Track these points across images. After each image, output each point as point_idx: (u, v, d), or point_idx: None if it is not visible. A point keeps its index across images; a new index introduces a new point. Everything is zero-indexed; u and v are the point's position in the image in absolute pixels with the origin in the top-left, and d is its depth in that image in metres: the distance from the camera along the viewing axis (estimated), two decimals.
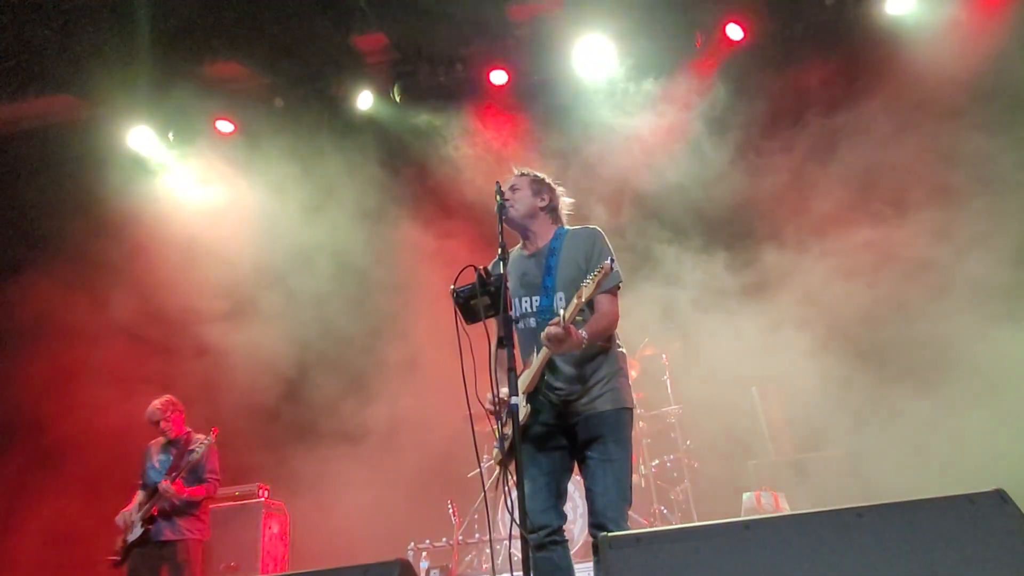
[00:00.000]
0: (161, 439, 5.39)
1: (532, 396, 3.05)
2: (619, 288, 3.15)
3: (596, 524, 2.88)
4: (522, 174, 3.39)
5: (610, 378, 3.06)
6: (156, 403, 5.41)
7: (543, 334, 2.82)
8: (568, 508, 3.15)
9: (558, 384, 3.05)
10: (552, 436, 3.07)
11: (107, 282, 7.49)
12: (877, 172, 6.90)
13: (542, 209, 3.30)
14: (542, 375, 3.05)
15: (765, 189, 7.13)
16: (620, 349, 3.20)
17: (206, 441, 5.19)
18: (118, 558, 5.07)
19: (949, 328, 5.87)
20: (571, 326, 2.79)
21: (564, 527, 3.05)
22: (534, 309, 3.13)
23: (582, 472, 3.05)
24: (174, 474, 5.08)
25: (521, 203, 3.26)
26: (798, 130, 7.14)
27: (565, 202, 3.42)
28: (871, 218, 6.76)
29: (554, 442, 3.08)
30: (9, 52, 6.70)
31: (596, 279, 2.78)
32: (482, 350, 2.96)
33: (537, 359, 3.02)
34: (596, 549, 2.85)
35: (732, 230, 7.34)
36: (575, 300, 2.83)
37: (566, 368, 3.05)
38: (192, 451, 5.16)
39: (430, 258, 7.34)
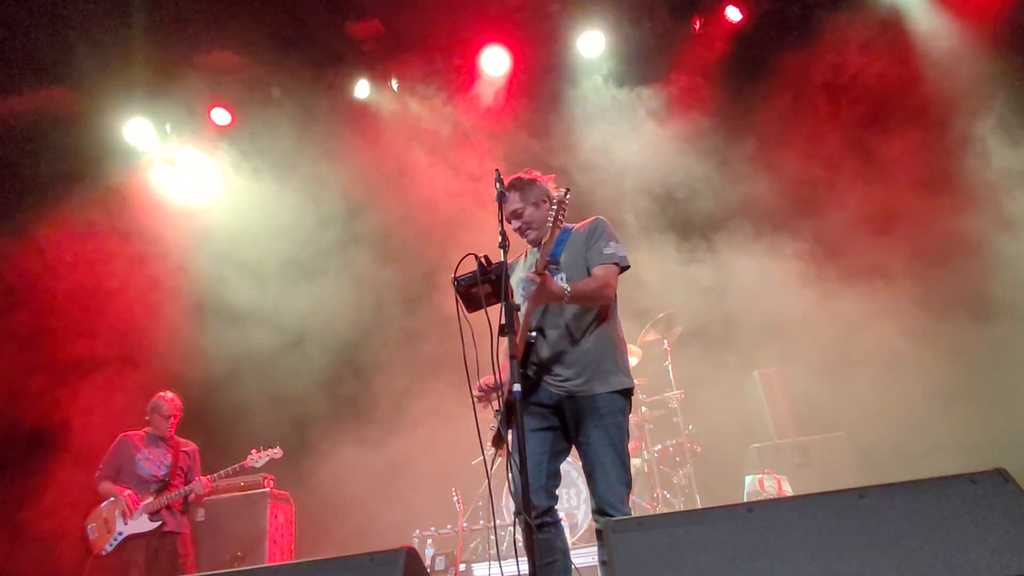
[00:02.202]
0: (143, 432, 5.44)
1: (522, 365, 3.02)
2: (620, 267, 3.13)
3: (597, 510, 2.89)
4: (518, 189, 3.25)
5: (606, 360, 3.05)
6: (174, 399, 5.50)
7: (528, 276, 2.79)
8: (572, 493, 3.17)
9: (556, 367, 3.04)
10: (544, 417, 3.07)
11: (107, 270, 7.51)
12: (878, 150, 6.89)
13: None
14: (532, 350, 3.04)
15: (768, 172, 7.10)
16: (618, 332, 3.20)
17: (269, 455, 5.48)
18: (110, 549, 5.04)
19: (949, 312, 5.89)
20: (546, 273, 2.77)
21: (568, 512, 3.07)
22: None
23: (581, 457, 3.05)
24: (215, 476, 5.36)
25: (536, 223, 3.22)
26: (798, 111, 7.10)
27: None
28: (873, 201, 6.75)
29: (546, 423, 3.07)
30: (2, 44, 6.66)
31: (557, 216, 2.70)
32: (485, 337, 2.96)
33: (522, 316, 2.96)
34: (600, 534, 2.87)
35: (734, 214, 7.31)
36: (546, 241, 2.78)
37: (563, 349, 3.04)
38: (256, 462, 5.44)
39: (429, 246, 7.32)
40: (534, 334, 3.06)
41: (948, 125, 6.59)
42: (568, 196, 2.73)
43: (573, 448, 3.16)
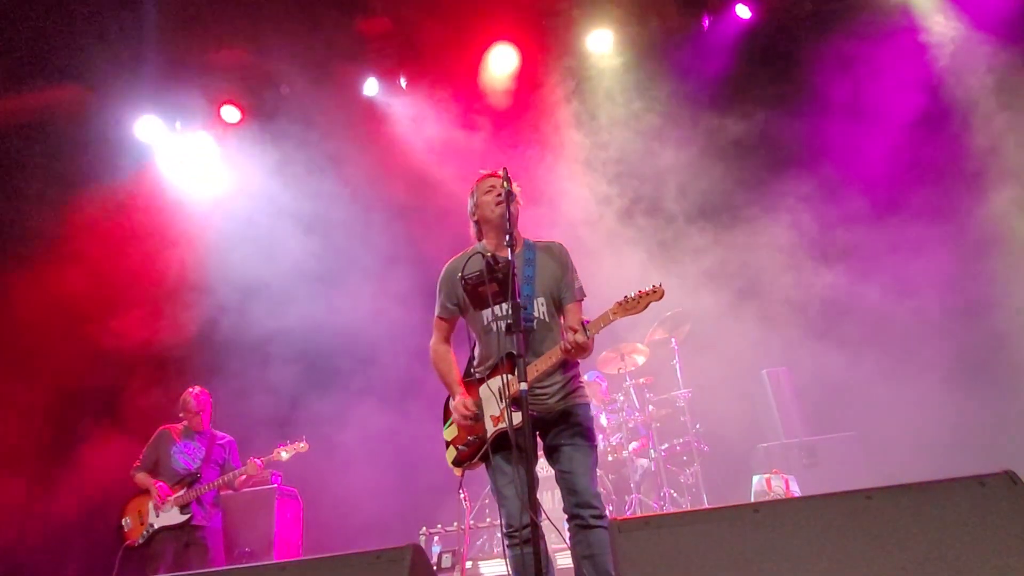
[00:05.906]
0: (180, 425, 5.49)
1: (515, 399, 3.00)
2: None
3: (579, 503, 2.98)
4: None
5: (576, 376, 3.28)
6: (201, 393, 5.58)
7: (571, 340, 2.93)
8: None
9: (537, 388, 3.13)
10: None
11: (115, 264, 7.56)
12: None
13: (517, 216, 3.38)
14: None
15: (774, 171, 7.07)
16: None
17: (295, 449, 5.51)
18: (141, 541, 5.12)
19: (956, 310, 5.85)
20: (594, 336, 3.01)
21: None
22: (506, 313, 3.08)
23: (557, 460, 3.13)
24: (236, 473, 5.40)
25: (513, 209, 3.29)
26: (802, 111, 7.05)
27: None
28: (882, 201, 6.70)
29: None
30: (15, 42, 6.71)
31: (638, 301, 3.00)
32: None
33: (546, 361, 3.07)
34: (577, 529, 2.96)
35: (737, 213, 7.28)
36: (610, 316, 3.02)
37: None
38: (281, 456, 5.48)
39: (433, 248, 7.31)
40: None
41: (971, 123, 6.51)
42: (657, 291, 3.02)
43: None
